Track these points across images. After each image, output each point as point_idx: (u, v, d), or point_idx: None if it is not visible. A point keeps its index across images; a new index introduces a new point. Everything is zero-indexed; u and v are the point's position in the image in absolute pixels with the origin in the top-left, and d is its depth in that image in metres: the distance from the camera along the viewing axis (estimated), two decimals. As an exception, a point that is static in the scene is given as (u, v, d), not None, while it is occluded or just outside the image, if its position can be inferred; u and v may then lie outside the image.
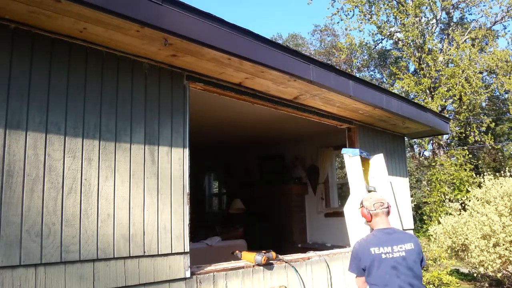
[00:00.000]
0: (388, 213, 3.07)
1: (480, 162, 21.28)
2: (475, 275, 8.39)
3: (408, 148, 21.19)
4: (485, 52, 17.86)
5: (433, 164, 16.78)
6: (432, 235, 8.22)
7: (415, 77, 17.62)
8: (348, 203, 5.28)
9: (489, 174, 7.68)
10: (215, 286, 3.40)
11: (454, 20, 20.48)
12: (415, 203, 17.57)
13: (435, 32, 19.36)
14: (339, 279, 4.61)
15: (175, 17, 2.77)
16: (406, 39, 17.38)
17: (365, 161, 4.51)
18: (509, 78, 16.42)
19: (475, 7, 18.79)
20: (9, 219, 2.36)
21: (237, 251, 4.16)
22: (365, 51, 23.21)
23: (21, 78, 2.51)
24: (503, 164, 21.25)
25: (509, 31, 35.15)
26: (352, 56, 22.85)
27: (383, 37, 20.13)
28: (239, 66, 3.43)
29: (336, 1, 18.72)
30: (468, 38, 18.15)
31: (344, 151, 4.22)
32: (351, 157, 4.18)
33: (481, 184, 7.59)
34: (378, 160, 5.36)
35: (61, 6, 2.34)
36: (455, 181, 15.10)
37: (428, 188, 16.89)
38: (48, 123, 2.59)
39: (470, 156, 16.41)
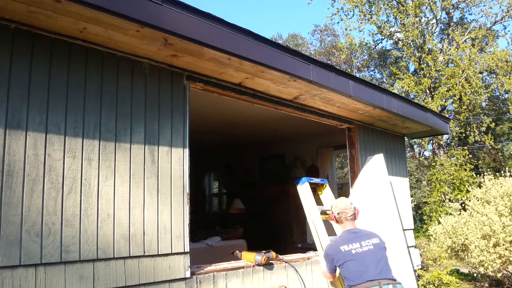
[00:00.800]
0: (354, 218, 3.44)
1: (480, 162, 21.29)
2: (475, 275, 8.39)
3: (408, 148, 21.19)
4: (485, 52, 17.86)
5: (433, 164, 16.79)
6: (432, 235, 8.22)
7: (415, 77, 17.63)
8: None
9: (489, 174, 7.68)
10: (215, 286, 3.40)
11: (454, 20, 20.50)
12: (415, 203, 17.58)
13: (435, 32, 19.38)
14: (339, 279, 4.60)
15: (175, 17, 2.77)
16: (406, 39, 17.38)
17: (320, 186, 4.99)
18: (509, 78, 16.42)
19: (475, 7, 18.81)
20: (9, 219, 2.36)
21: (237, 251, 4.16)
22: (365, 51, 23.23)
23: (21, 78, 2.51)
24: (503, 164, 21.27)
25: (509, 31, 35.17)
26: (352, 56, 22.86)
27: (383, 37, 20.14)
28: (239, 66, 3.43)
29: (336, 1, 18.74)
30: (468, 38, 18.15)
31: (295, 182, 4.79)
32: (301, 185, 4.67)
33: (481, 184, 7.59)
34: (378, 160, 5.36)
35: (61, 6, 2.34)
36: (455, 181, 15.10)
37: (428, 188, 16.89)
38: (48, 123, 2.59)
39: (470, 156, 16.41)
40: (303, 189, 4.64)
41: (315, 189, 4.91)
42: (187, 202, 3.31)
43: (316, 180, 4.87)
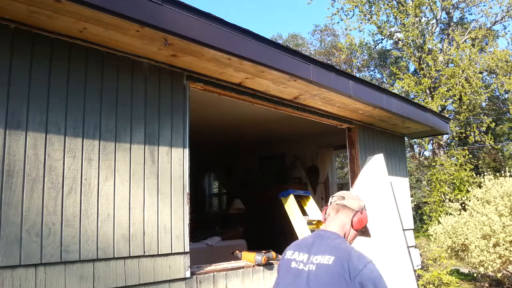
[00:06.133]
0: (338, 210, 2.05)
1: (480, 162, 21.28)
2: (475, 275, 8.39)
3: (408, 148, 21.18)
4: (485, 52, 17.85)
5: (433, 164, 16.77)
6: (432, 235, 8.21)
7: (415, 77, 17.62)
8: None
9: (489, 174, 7.67)
10: (215, 286, 3.40)
11: (454, 20, 20.49)
12: (415, 203, 17.57)
13: (435, 32, 19.36)
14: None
15: (175, 17, 2.77)
16: (406, 39, 17.37)
17: (304, 198, 5.20)
18: (509, 78, 16.41)
19: (475, 7, 18.80)
20: (9, 219, 2.36)
21: (237, 251, 4.16)
22: (365, 51, 23.21)
23: (21, 78, 2.51)
24: (503, 164, 21.26)
25: (509, 31, 35.16)
26: (352, 56, 22.85)
27: (383, 37, 20.12)
28: (239, 66, 3.43)
29: (336, 1, 18.72)
30: (468, 38, 18.15)
31: (280, 195, 4.95)
32: (286, 197, 4.86)
33: (481, 184, 7.58)
34: (378, 160, 5.36)
35: (61, 6, 2.34)
36: (455, 181, 15.09)
37: (428, 188, 16.89)
38: (48, 123, 2.59)
39: (470, 156, 16.40)
40: (288, 201, 4.79)
41: (300, 201, 5.12)
42: (187, 202, 3.31)
43: (300, 192, 5.13)
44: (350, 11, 18.05)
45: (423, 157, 21.94)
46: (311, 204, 5.12)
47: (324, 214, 2.14)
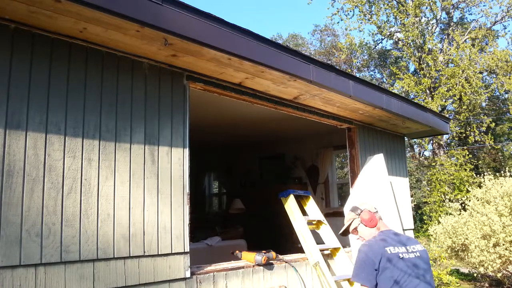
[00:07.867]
0: (380, 217, 2.88)
1: (480, 162, 21.29)
2: (475, 275, 8.39)
3: (408, 148, 21.19)
4: (485, 52, 17.87)
5: (433, 164, 16.78)
6: (432, 235, 8.22)
7: (415, 77, 17.63)
8: (348, 203, 5.29)
9: (489, 174, 7.67)
10: (215, 286, 3.40)
11: (454, 20, 20.51)
12: (415, 203, 17.58)
13: (435, 32, 19.39)
14: (339, 279, 4.60)
15: (175, 17, 2.77)
16: (406, 39, 17.39)
17: (304, 198, 5.18)
18: (509, 78, 16.43)
19: (475, 7, 18.83)
20: (9, 219, 2.36)
21: (237, 251, 4.16)
22: (365, 51, 23.23)
23: (21, 78, 2.51)
24: (503, 164, 21.29)
25: (509, 31, 35.18)
26: (352, 56, 22.87)
27: (383, 37, 20.14)
28: (239, 66, 3.42)
29: (336, 1, 18.74)
30: (468, 38, 18.16)
31: (280, 195, 4.94)
32: (286, 197, 4.84)
33: (481, 184, 7.59)
34: (378, 160, 5.36)
35: (61, 6, 2.33)
36: (455, 181, 15.10)
37: (428, 188, 16.90)
38: (48, 123, 2.59)
39: (470, 156, 16.42)
40: (288, 201, 4.76)
41: (300, 201, 5.07)
42: (187, 202, 3.31)
43: (300, 192, 5.10)
44: (350, 11, 18.08)
45: (423, 157, 21.95)
46: (311, 204, 5.12)
47: (375, 219, 2.81)
